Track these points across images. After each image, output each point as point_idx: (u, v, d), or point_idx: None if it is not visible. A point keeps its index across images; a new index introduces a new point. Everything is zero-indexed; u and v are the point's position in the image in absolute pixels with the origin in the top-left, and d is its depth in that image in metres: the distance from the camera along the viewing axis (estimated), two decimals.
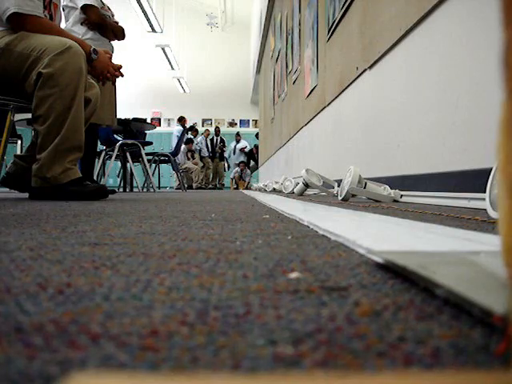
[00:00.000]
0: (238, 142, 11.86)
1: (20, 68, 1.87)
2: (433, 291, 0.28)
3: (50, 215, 0.99)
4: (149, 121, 12.13)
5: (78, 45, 1.89)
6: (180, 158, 9.01)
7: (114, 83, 2.20)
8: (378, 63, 2.26)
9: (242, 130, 13.32)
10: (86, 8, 2.82)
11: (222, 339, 0.21)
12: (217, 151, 11.18)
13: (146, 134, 5.66)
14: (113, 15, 3.04)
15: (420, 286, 0.31)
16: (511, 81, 0.23)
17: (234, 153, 11.76)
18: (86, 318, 0.24)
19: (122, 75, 2.15)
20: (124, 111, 12.52)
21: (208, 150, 10.97)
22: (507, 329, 0.20)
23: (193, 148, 10.00)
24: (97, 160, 3.85)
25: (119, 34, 3.01)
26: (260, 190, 6.03)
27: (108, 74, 2.06)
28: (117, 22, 3.02)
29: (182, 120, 9.38)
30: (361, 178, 1.80)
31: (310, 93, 4.04)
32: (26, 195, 2.15)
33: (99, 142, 4.58)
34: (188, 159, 9.83)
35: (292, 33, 5.23)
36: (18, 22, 1.88)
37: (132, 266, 0.39)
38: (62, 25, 2.41)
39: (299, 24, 4.64)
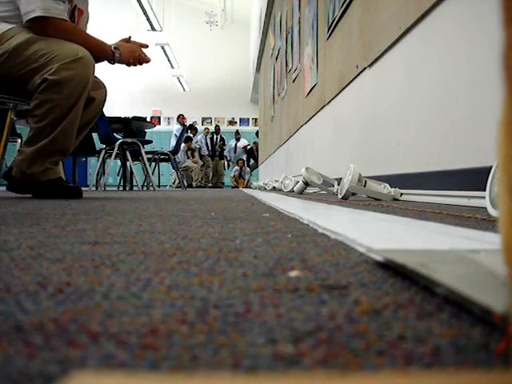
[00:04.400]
0: (237, 140, 11.85)
1: (25, 72, 1.85)
2: (433, 290, 0.28)
3: (49, 214, 0.99)
4: (148, 119, 12.12)
5: (89, 55, 1.87)
6: (180, 156, 9.01)
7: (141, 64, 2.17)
8: (377, 62, 2.26)
9: (242, 128, 13.30)
10: None
11: (221, 338, 0.21)
12: (217, 150, 11.17)
13: (145, 132, 5.67)
14: None
15: (420, 285, 0.30)
16: (511, 80, 0.23)
17: (235, 151, 11.74)
18: (86, 316, 0.24)
19: (149, 60, 2.14)
20: (124, 110, 12.55)
21: (208, 148, 10.96)
22: (507, 328, 0.20)
23: (192, 146, 9.99)
24: (97, 159, 3.86)
25: None
26: (260, 188, 6.03)
27: (132, 61, 2.09)
28: None
29: (181, 118, 9.37)
30: (361, 177, 1.80)
31: (310, 91, 4.04)
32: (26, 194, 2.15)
33: (99, 141, 4.59)
34: (188, 158, 9.82)
35: (292, 31, 5.22)
36: (42, 26, 1.85)
37: (132, 264, 0.39)
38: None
39: (299, 22, 4.63)
